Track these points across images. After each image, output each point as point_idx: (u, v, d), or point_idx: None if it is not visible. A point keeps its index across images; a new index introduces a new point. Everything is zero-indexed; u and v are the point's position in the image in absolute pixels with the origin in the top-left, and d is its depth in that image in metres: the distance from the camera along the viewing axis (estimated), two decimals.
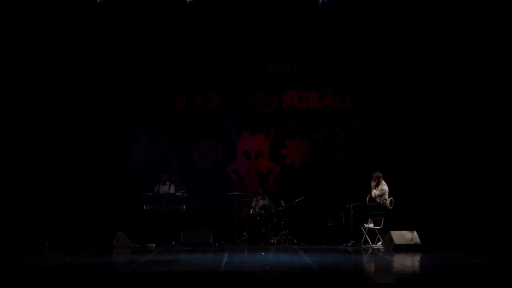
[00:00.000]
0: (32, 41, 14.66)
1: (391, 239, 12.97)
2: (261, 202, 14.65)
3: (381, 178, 13.93)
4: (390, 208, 13.61)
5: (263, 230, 14.27)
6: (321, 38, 15.19)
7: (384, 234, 13.42)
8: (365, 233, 13.76)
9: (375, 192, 13.74)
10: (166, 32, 15.04)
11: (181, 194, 14.14)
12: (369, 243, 13.68)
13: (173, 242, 13.92)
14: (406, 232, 13.06)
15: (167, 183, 14.43)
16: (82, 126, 14.98)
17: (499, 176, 14.40)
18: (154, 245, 13.84)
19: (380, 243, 13.55)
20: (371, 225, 13.75)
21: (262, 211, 14.47)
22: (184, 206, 14.12)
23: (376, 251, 12.93)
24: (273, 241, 14.17)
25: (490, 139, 14.58)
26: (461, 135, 14.81)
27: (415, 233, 13.05)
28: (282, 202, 14.36)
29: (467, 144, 14.72)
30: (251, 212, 14.44)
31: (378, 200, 13.72)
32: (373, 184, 13.88)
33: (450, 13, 14.63)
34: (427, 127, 15.00)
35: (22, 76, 14.68)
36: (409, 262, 11.32)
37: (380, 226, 13.66)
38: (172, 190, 14.27)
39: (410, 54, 15.04)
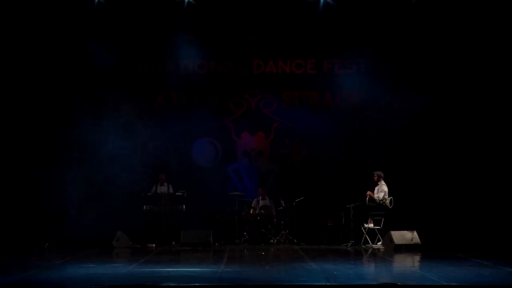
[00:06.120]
0: (30, 41, 14.66)
1: (391, 239, 12.98)
2: (261, 202, 14.65)
3: (382, 178, 13.94)
4: (390, 207, 13.61)
5: (263, 230, 14.27)
6: (321, 38, 15.19)
7: (384, 234, 13.43)
8: (365, 233, 13.76)
9: (378, 196, 13.73)
10: (165, 31, 15.01)
11: (181, 194, 14.14)
12: (369, 243, 13.68)
13: (173, 242, 13.91)
14: (406, 232, 13.08)
15: (165, 183, 14.42)
16: (82, 126, 14.96)
17: (499, 176, 14.40)
18: (154, 245, 13.83)
19: (380, 243, 13.55)
20: (371, 225, 13.75)
21: (262, 211, 14.47)
22: (184, 206, 14.13)
23: (376, 251, 12.94)
24: (273, 241, 14.17)
25: (490, 139, 14.59)
26: (461, 135, 14.81)
27: (415, 233, 13.06)
28: (282, 202, 14.36)
29: (467, 143, 14.73)
30: (251, 212, 14.44)
31: (378, 200, 13.73)
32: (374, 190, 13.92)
33: (449, 12, 14.62)
34: (427, 127, 14.99)
35: (22, 75, 14.68)
36: (409, 262, 11.32)
37: (380, 226, 13.66)
38: (170, 191, 14.25)
39: (410, 53, 15.03)
